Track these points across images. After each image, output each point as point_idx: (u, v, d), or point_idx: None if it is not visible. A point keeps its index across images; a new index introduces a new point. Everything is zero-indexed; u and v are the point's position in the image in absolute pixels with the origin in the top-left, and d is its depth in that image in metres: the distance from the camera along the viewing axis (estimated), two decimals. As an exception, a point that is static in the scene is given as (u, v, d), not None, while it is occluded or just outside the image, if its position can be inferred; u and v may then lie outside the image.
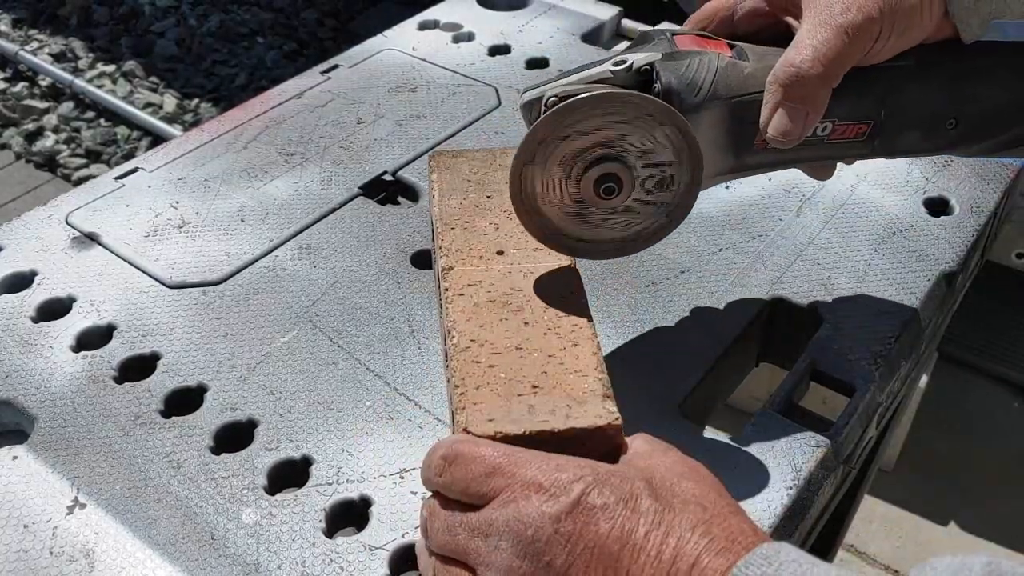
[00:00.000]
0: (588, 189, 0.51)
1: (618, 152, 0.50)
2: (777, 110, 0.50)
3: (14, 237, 0.73)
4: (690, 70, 0.51)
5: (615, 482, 0.39)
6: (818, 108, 0.50)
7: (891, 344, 0.64)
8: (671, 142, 0.50)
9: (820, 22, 0.49)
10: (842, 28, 0.48)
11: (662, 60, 0.51)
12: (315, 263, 0.71)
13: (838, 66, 0.49)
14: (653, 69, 0.51)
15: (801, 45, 0.49)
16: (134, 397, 0.60)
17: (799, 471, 0.55)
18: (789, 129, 0.50)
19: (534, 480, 0.39)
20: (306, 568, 0.51)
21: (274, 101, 0.91)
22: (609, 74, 0.50)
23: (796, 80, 0.49)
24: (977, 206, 0.77)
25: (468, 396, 0.46)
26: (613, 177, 0.50)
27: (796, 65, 0.49)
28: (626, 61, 0.50)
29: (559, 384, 0.46)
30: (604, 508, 0.38)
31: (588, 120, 0.49)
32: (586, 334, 0.50)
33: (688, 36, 0.54)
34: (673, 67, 0.51)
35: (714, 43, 0.54)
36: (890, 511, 1.63)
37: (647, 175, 0.51)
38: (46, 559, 0.51)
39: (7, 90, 2.60)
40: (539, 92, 0.52)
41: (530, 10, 1.07)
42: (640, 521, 0.38)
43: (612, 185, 0.51)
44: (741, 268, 0.71)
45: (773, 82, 0.50)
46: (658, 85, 0.50)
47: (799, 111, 0.50)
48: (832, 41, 0.48)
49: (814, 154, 0.56)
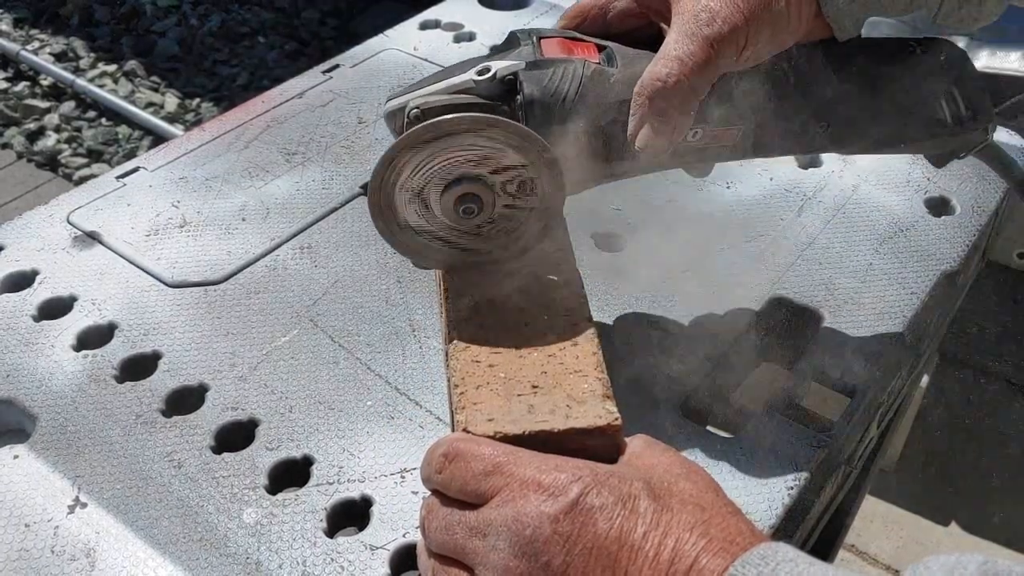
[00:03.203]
0: (449, 208, 0.50)
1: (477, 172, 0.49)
2: (644, 123, 0.49)
3: (15, 236, 0.74)
4: (554, 80, 0.50)
5: (613, 483, 0.39)
6: (684, 120, 0.49)
7: (892, 344, 0.64)
8: (508, 145, 0.48)
9: (686, 32, 0.48)
10: (708, 39, 0.47)
11: (526, 69, 0.50)
12: (316, 262, 0.71)
13: (704, 78, 0.48)
14: (517, 78, 0.49)
15: (667, 57, 0.48)
16: (135, 396, 0.60)
17: (800, 471, 0.55)
18: (656, 142, 0.49)
19: (533, 480, 0.39)
20: (307, 568, 0.51)
21: (275, 101, 0.91)
22: (472, 83, 0.49)
23: (661, 93, 0.48)
24: (978, 206, 0.77)
25: (468, 396, 0.46)
26: (473, 197, 0.50)
27: (662, 79, 0.48)
28: (490, 70, 0.49)
29: (559, 384, 0.46)
30: (602, 508, 0.38)
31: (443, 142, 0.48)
32: (586, 334, 0.50)
33: (555, 40, 0.53)
34: (537, 76, 0.50)
35: (582, 46, 0.52)
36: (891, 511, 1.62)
37: (503, 180, 0.50)
38: (47, 558, 0.51)
39: (8, 89, 2.60)
40: (403, 101, 0.51)
41: (531, 10, 1.07)
42: (638, 522, 0.38)
43: (472, 206, 0.50)
44: (742, 268, 0.71)
45: (640, 94, 0.49)
46: (520, 97, 0.49)
47: (665, 124, 0.49)
48: (697, 53, 0.47)
49: (688, 158, 0.55)
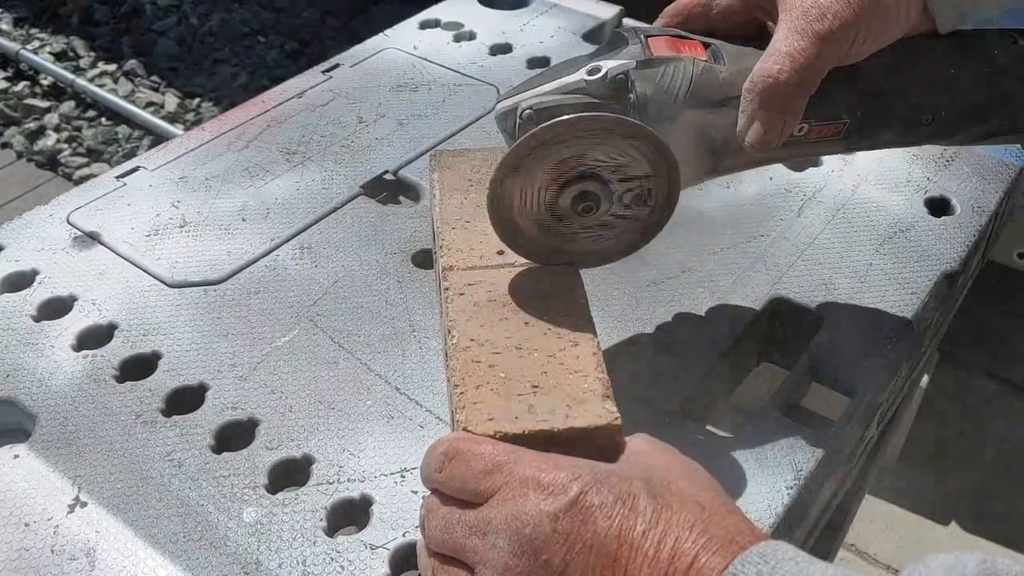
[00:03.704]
0: (567, 207, 0.51)
1: (594, 170, 0.49)
2: (754, 119, 0.49)
3: (15, 236, 0.74)
4: (665, 78, 0.50)
5: (613, 481, 0.39)
6: (795, 115, 0.50)
7: (892, 344, 0.64)
8: (645, 156, 0.49)
9: (796, 28, 0.48)
10: (818, 35, 0.47)
11: (636, 68, 0.50)
12: (316, 262, 0.71)
13: (815, 74, 0.48)
14: (628, 78, 0.50)
15: (777, 53, 0.48)
16: (135, 396, 0.60)
17: (800, 471, 0.55)
18: (766, 138, 0.49)
19: (533, 478, 0.39)
20: (307, 567, 0.51)
21: (275, 100, 0.91)
22: (583, 83, 0.49)
23: (772, 89, 0.48)
24: (978, 206, 0.77)
25: (468, 395, 0.46)
26: (591, 195, 0.50)
27: (773, 75, 0.48)
28: (600, 70, 0.49)
29: (559, 384, 0.46)
30: (602, 507, 0.38)
31: (563, 143, 0.48)
32: (586, 334, 0.50)
33: (662, 38, 0.53)
34: (648, 75, 0.50)
35: (688, 43, 0.53)
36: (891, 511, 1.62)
37: (624, 189, 0.50)
38: (47, 557, 0.51)
39: (8, 89, 2.60)
40: (514, 102, 0.51)
41: (531, 9, 1.07)
42: (638, 520, 0.38)
43: (590, 204, 0.50)
44: (742, 268, 0.71)
45: (750, 90, 0.49)
46: (633, 95, 0.50)
47: (776, 119, 0.49)
48: (808, 49, 0.48)
49: (792, 153, 0.55)
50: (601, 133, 0.48)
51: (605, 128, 0.48)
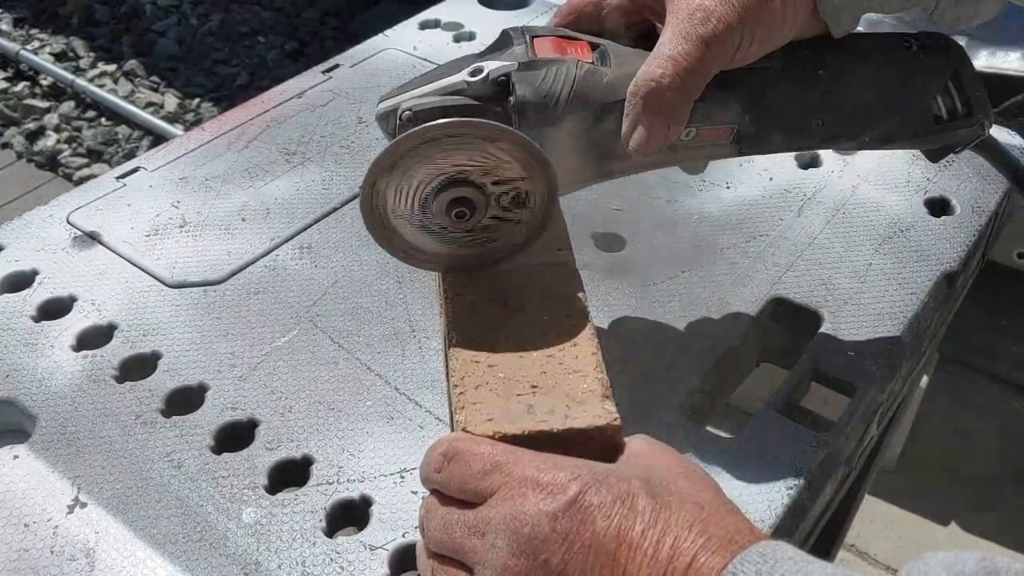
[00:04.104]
0: (441, 214, 0.50)
1: (468, 175, 0.48)
2: (638, 123, 0.49)
3: (15, 236, 0.73)
4: (546, 81, 0.49)
5: (612, 481, 0.39)
6: (679, 120, 0.49)
7: (892, 344, 0.64)
8: (517, 159, 0.48)
9: (680, 32, 0.48)
10: (702, 39, 0.47)
11: (518, 70, 0.49)
12: (316, 263, 0.71)
13: (699, 77, 0.48)
14: (509, 80, 0.49)
15: (661, 56, 0.48)
16: (135, 396, 0.60)
17: (800, 471, 0.55)
18: (650, 142, 0.49)
19: (531, 478, 0.39)
20: (306, 568, 0.51)
21: (275, 100, 0.91)
22: (464, 84, 0.49)
23: (655, 93, 0.48)
24: (978, 206, 0.77)
25: (467, 396, 0.46)
26: (465, 201, 0.49)
27: (656, 79, 0.48)
28: (482, 71, 0.49)
29: (558, 384, 0.46)
30: (601, 507, 0.38)
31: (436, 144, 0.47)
32: (585, 334, 0.50)
33: (548, 39, 0.52)
34: (529, 78, 0.49)
35: (575, 44, 0.52)
36: (891, 511, 1.62)
37: (500, 192, 0.50)
38: (47, 558, 0.51)
39: (8, 89, 2.60)
40: (395, 103, 0.50)
41: (531, 10, 1.07)
42: (637, 520, 0.37)
43: (464, 210, 0.49)
44: (742, 268, 0.71)
45: (634, 94, 0.49)
46: (513, 98, 0.49)
47: (659, 123, 0.49)
48: (692, 53, 0.47)
49: (681, 157, 0.55)
50: (472, 138, 0.47)
51: (474, 133, 0.47)
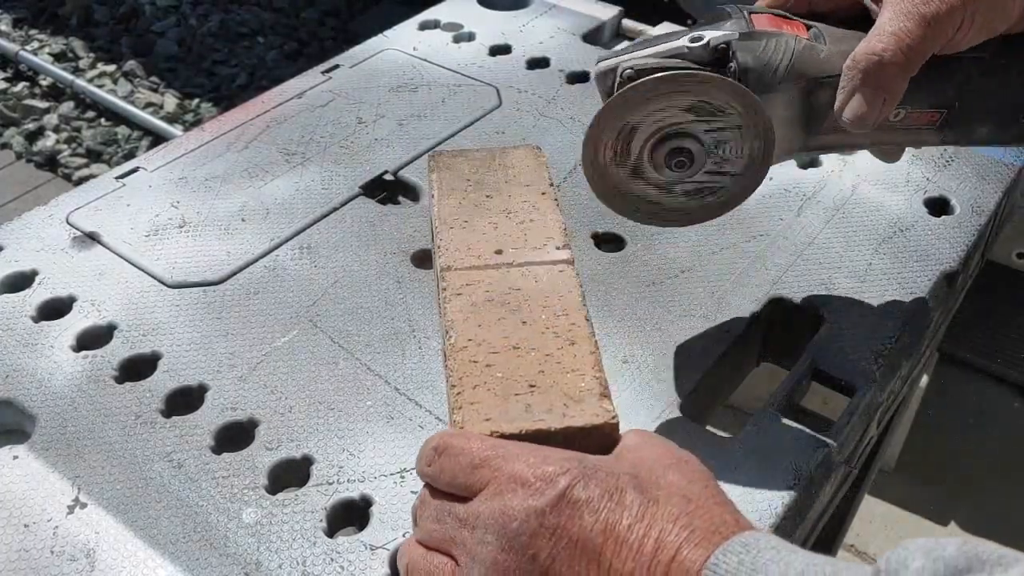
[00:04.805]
0: (660, 163, 0.52)
1: (690, 128, 0.51)
2: (854, 95, 0.50)
3: (15, 237, 0.73)
4: (767, 51, 0.51)
5: (601, 476, 0.39)
6: (895, 96, 0.50)
7: (892, 344, 0.64)
8: (743, 120, 0.51)
9: (902, 11, 0.49)
10: (925, 18, 0.48)
11: (739, 40, 0.51)
12: (316, 263, 0.71)
13: (918, 55, 0.49)
14: (730, 48, 0.51)
15: (882, 32, 0.49)
16: (135, 397, 0.60)
17: (800, 471, 0.55)
18: (864, 114, 0.50)
19: (520, 474, 0.40)
20: (307, 568, 0.51)
21: (275, 101, 0.91)
22: (685, 50, 0.51)
23: (876, 67, 0.49)
24: (978, 206, 0.77)
25: (465, 395, 0.46)
26: (685, 152, 0.52)
27: (877, 53, 0.49)
28: (703, 38, 0.51)
29: (556, 383, 0.46)
30: (588, 501, 0.38)
31: (662, 98, 0.50)
32: (583, 333, 0.50)
33: (764, 15, 0.54)
34: (750, 47, 0.51)
35: (791, 24, 0.54)
36: (891, 511, 1.62)
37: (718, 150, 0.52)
38: (47, 558, 0.51)
39: (8, 90, 2.60)
40: (615, 63, 0.53)
41: (531, 10, 1.07)
42: (624, 514, 0.38)
43: (683, 160, 0.52)
44: (742, 268, 0.71)
45: (852, 67, 0.50)
46: (734, 64, 0.51)
47: (876, 98, 0.50)
48: (914, 31, 0.49)
49: (884, 139, 0.56)
50: (699, 90, 0.50)
51: (704, 84, 0.49)
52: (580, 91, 0.93)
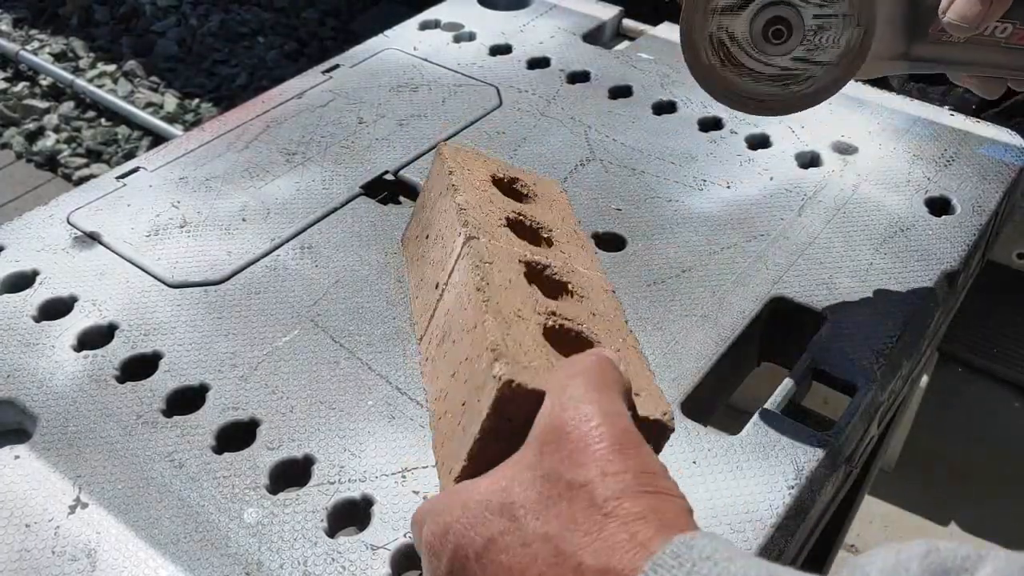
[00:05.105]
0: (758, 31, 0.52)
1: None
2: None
3: (15, 237, 0.73)
4: None
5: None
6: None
7: (892, 344, 0.64)
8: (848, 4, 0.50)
9: None
10: None
11: None
12: (317, 262, 0.71)
13: None
14: None
15: None
16: (136, 396, 0.60)
17: (800, 471, 0.55)
18: (971, 14, 0.49)
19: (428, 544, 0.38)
20: (308, 567, 0.51)
21: (275, 101, 0.91)
22: None
23: None
24: (979, 206, 0.77)
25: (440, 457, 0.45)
26: (783, 21, 0.51)
27: None
28: None
29: (469, 380, 0.43)
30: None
31: None
32: (478, 319, 0.46)
33: None
34: None
35: None
36: (891, 511, 1.62)
37: (818, 25, 0.52)
38: (48, 558, 0.51)
39: (8, 90, 2.60)
40: None
41: (531, 10, 1.07)
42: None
43: (781, 28, 0.52)
44: (742, 268, 0.71)
45: None
46: None
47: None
48: None
49: (988, 58, 0.55)
50: None
51: None
52: (580, 91, 0.93)
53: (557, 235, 0.53)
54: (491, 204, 0.54)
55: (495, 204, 0.54)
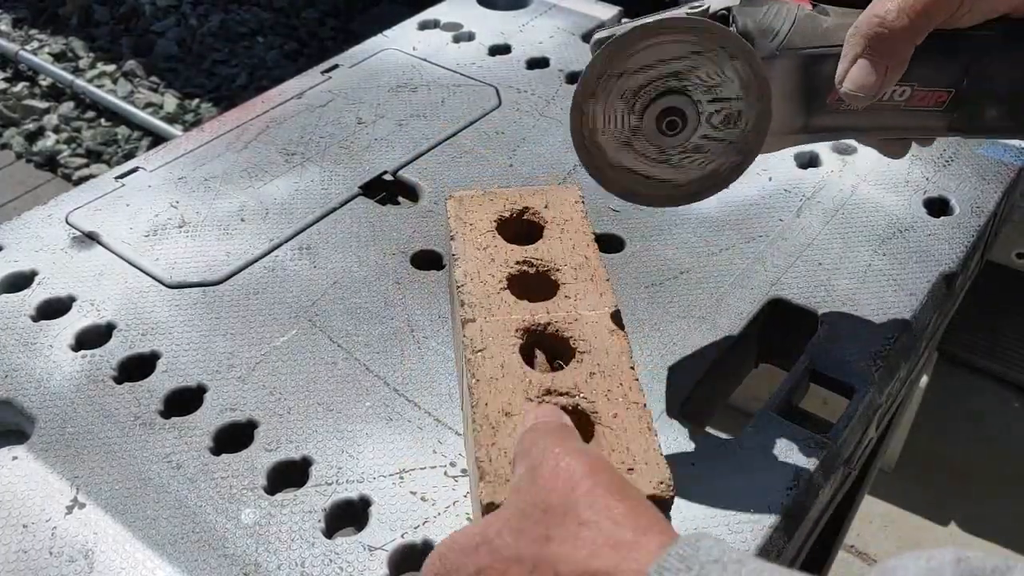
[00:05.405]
0: (651, 124, 0.50)
1: (683, 85, 0.49)
2: (856, 61, 0.48)
3: (14, 236, 0.73)
4: (767, 16, 0.50)
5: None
6: (899, 63, 0.49)
7: (891, 345, 0.64)
8: (739, 76, 0.49)
9: None
10: None
11: (740, 5, 0.50)
12: (315, 263, 0.71)
13: (924, 21, 0.48)
14: (730, 13, 0.50)
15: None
16: (134, 397, 0.60)
17: (799, 473, 0.55)
18: (867, 82, 0.48)
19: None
20: (305, 568, 0.51)
21: (274, 101, 0.91)
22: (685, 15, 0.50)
23: (879, 31, 0.47)
24: (977, 206, 0.77)
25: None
26: (677, 111, 0.49)
27: (880, 15, 0.47)
28: (703, 4, 0.50)
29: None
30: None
31: (651, 49, 0.48)
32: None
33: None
34: (751, 12, 0.50)
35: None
36: (890, 511, 1.62)
37: (713, 110, 0.50)
38: (45, 559, 0.51)
39: (7, 90, 2.60)
40: (611, 31, 0.51)
41: (530, 10, 1.07)
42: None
43: (676, 119, 0.50)
44: (741, 269, 0.71)
45: (855, 33, 0.49)
46: (733, 28, 0.50)
47: (879, 64, 0.48)
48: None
49: (889, 122, 0.54)
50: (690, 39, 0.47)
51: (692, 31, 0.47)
52: (580, 91, 0.92)
53: (565, 271, 0.53)
54: (492, 264, 0.54)
55: (497, 262, 0.54)
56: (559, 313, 0.51)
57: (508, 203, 0.58)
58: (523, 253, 0.54)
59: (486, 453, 0.44)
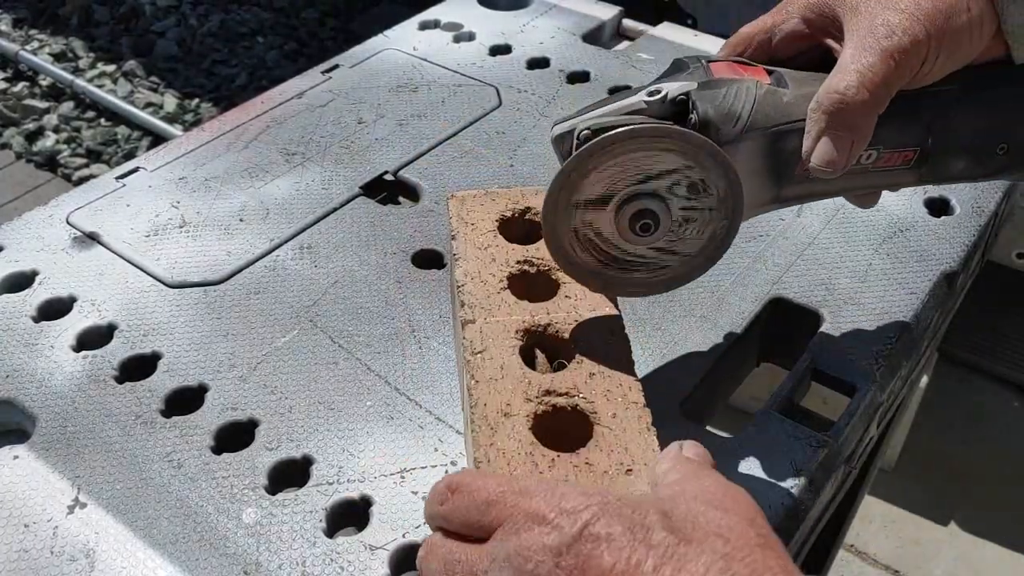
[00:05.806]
0: (624, 226, 0.49)
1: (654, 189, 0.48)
2: (821, 138, 0.48)
3: (15, 237, 0.73)
4: (727, 99, 0.49)
5: (625, 512, 0.36)
6: (863, 135, 0.48)
7: (892, 344, 0.64)
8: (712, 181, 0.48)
9: (864, 46, 0.47)
10: (888, 52, 0.46)
11: (698, 89, 0.49)
12: (316, 263, 0.71)
13: (884, 91, 0.47)
14: (689, 99, 0.49)
15: (845, 70, 0.47)
16: (135, 397, 0.60)
17: (800, 471, 0.55)
18: (834, 158, 0.48)
19: (536, 511, 0.37)
20: (306, 568, 0.51)
21: (275, 101, 0.91)
22: (643, 105, 0.48)
23: (841, 107, 0.47)
24: (978, 206, 0.77)
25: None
26: (649, 214, 0.48)
27: (840, 91, 0.47)
28: (660, 91, 0.48)
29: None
30: (609, 539, 0.35)
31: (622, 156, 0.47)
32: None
33: (723, 63, 0.52)
34: (710, 96, 0.49)
35: (751, 69, 0.52)
36: (890, 511, 1.62)
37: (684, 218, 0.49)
38: (46, 558, 0.51)
39: (7, 90, 2.60)
40: (571, 125, 0.50)
41: (531, 10, 1.07)
42: (649, 554, 0.35)
43: (648, 222, 0.48)
44: (742, 268, 0.71)
45: (816, 109, 0.48)
46: (694, 116, 0.48)
47: (844, 139, 0.47)
48: (877, 66, 0.46)
49: (859, 183, 0.53)
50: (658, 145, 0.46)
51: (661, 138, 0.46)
52: (580, 91, 0.93)
53: None
54: (493, 263, 0.54)
55: (498, 262, 0.54)
56: (560, 314, 0.51)
57: (510, 203, 0.58)
58: (524, 253, 0.55)
59: (484, 454, 0.44)
